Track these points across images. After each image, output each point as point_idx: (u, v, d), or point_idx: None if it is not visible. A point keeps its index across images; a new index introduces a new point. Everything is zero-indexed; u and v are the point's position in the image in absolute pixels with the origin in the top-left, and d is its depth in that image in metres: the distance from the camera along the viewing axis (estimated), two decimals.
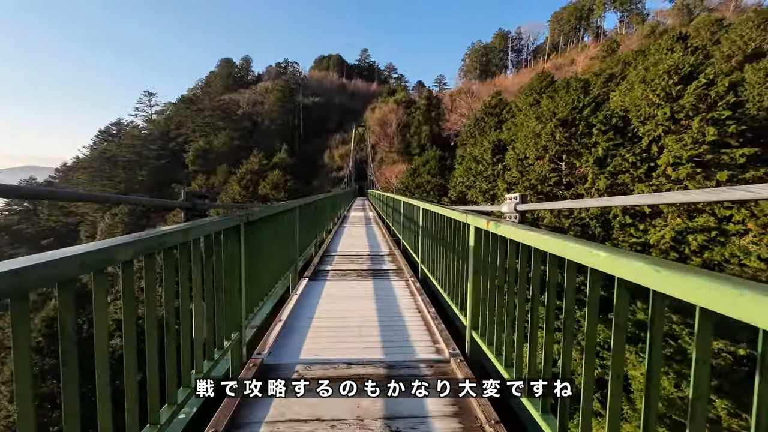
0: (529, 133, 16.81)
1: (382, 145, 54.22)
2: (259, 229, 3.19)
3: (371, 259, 6.57)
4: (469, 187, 19.95)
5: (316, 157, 64.53)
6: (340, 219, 13.89)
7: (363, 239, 8.77)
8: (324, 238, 8.81)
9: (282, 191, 33.94)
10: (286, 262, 4.51)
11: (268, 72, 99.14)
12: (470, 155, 21.16)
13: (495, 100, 28.34)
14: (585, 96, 15.77)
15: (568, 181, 16.06)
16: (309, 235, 6.39)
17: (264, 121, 71.27)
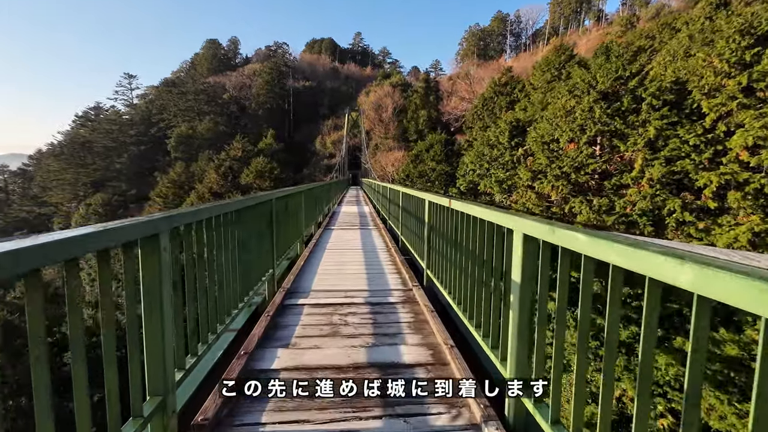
0: (558, 111, 13.82)
1: (377, 130, 50.90)
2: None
3: (373, 312, 3.60)
4: (482, 176, 16.99)
5: (307, 144, 61.05)
6: (328, 216, 10.90)
7: (357, 256, 5.80)
8: (297, 254, 5.83)
9: (267, 180, 30.73)
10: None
11: (257, 54, 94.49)
12: (482, 139, 18.19)
13: (506, 78, 25.28)
14: (629, 63, 12.80)
15: (604, 168, 13.14)
16: (259, 266, 3.45)
17: (252, 106, 67.35)
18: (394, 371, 2.31)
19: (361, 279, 4.30)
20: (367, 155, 43.82)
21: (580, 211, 12.79)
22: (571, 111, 13.39)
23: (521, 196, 14.94)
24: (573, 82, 13.81)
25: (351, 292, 3.89)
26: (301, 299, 3.70)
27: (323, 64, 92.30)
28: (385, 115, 51.02)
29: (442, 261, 3.55)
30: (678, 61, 15.27)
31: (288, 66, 79.07)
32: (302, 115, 68.49)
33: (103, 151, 56.02)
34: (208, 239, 2.30)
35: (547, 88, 21.19)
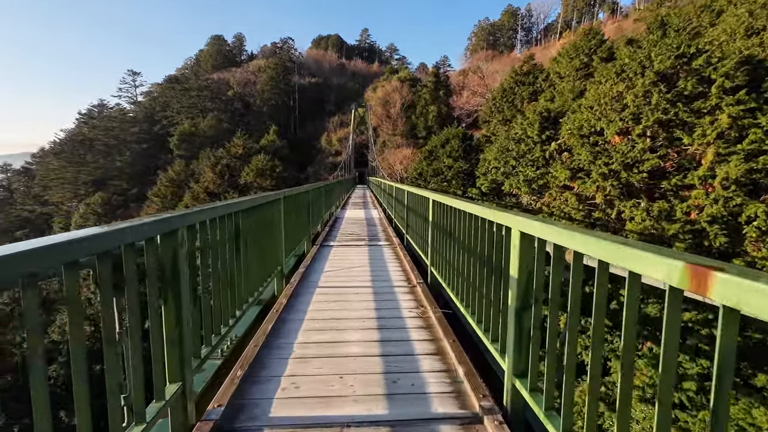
0: (602, 97, 11.64)
1: (384, 127, 48.80)
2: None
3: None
4: (508, 175, 14.81)
5: (312, 142, 59.17)
6: (328, 225, 8.89)
7: (364, 306, 3.73)
8: (274, 294, 3.85)
9: (269, 179, 28.81)
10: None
11: (262, 51, 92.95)
12: (506, 133, 16.04)
13: (528, 67, 23.00)
14: (692, 39, 10.58)
15: (658, 165, 10.94)
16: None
17: (256, 102, 65.64)
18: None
19: (373, 382, 2.25)
20: (375, 152, 41.78)
21: (631, 217, 10.61)
22: (619, 97, 11.19)
23: (555, 198, 12.79)
24: (621, 63, 11.61)
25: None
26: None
27: (329, 60, 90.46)
28: (393, 111, 48.86)
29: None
30: (738, 41, 12.99)
31: (293, 62, 77.35)
32: (308, 112, 66.71)
33: (104, 149, 54.68)
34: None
35: (576, 75, 18.95)
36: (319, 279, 4.37)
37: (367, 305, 3.51)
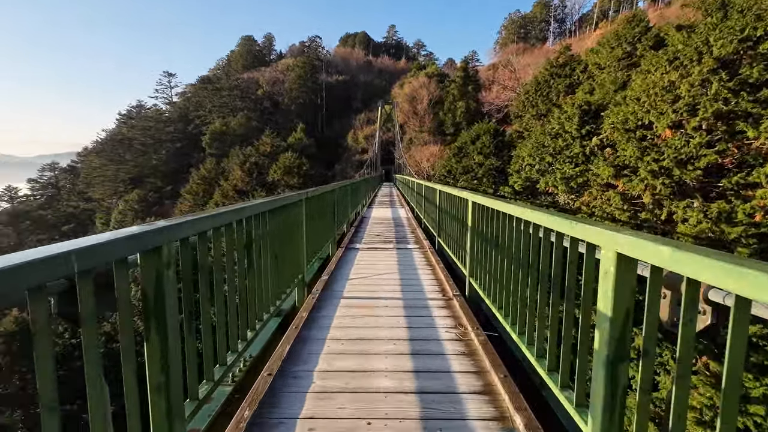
0: (651, 87, 10.65)
1: (411, 124, 48.14)
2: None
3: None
4: (543, 172, 13.94)
5: (338, 139, 59.34)
6: (354, 225, 8.52)
7: (394, 315, 3.29)
8: (296, 305, 3.49)
9: (296, 177, 28.88)
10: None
11: (291, 50, 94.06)
12: (541, 128, 15.13)
13: (564, 58, 21.75)
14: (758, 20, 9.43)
15: (715, 161, 9.88)
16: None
17: (284, 101, 66.51)
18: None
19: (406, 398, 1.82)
20: (401, 150, 41.29)
21: (684, 219, 9.64)
22: (671, 87, 10.18)
23: (596, 197, 11.89)
24: (673, 50, 10.56)
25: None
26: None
27: (356, 57, 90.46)
28: (420, 108, 48.08)
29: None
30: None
31: (321, 60, 77.94)
32: (335, 110, 66.98)
33: (141, 148, 56.92)
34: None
35: (618, 66, 17.66)
36: (344, 288, 3.98)
37: (397, 321, 3.08)
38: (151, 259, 1.32)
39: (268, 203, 2.54)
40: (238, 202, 3.42)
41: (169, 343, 1.39)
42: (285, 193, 3.86)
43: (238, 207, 2.07)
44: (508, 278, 2.50)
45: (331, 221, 5.50)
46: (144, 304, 1.33)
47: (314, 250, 4.26)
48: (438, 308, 3.41)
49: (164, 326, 1.37)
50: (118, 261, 1.16)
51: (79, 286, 1.03)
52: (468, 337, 2.78)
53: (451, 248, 4.73)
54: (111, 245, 1.07)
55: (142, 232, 1.23)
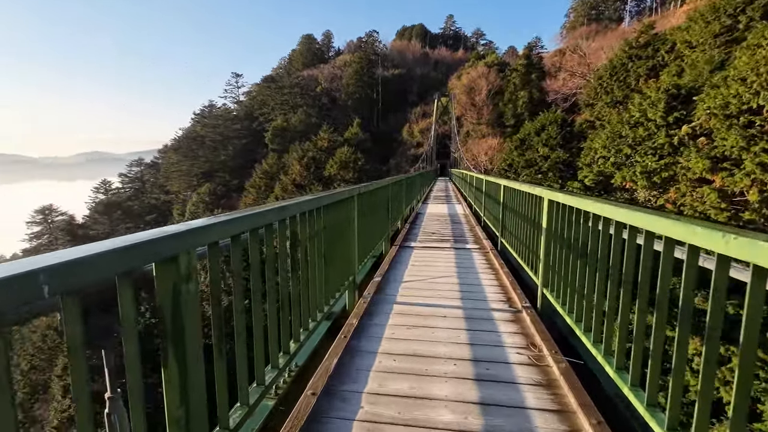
0: (762, 65, 8.99)
1: (468, 116, 46.53)
2: None
3: None
4: (619, 166, 12.50)
5: (393, 134, 59.21)
6: (410, 219, 8.18)
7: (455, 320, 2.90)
8: (347, 307, 3.26)
9: (351, 171, 29.19)
10: None
11: (348, 46, 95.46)
12: (619, 116, 13.58)
13: (646, 37, 19.38)
14: None
15: None
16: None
17: (341, 96, 67.81)
18: None
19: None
20: (458, 143, 40.10)
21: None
22: None
23: (685, 194, 10.38)
24: None
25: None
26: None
27: (413, 50, 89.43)
28: (478, 99, 46.26)
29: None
30: None
31: (377, 54, 78.17)
32: (390, 104, 66.89)
33: (212, 144, 61.34)
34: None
35: (714, 43, 15.29)
36: (398, 292, 3.67)
37: (457, 336, 2.71)
38: (166, 270, 1.09)
39: (315, 200, 2.28)
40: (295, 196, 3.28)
41: (188, 370, 1.17)
42: (340, 188, 3.64)
43: (280, 205, 1.82)
44: (600, 297, 2.02)
45: (384, 218, 5.22)
46: (160, 325, 1.11)
47: (366, 249, 4.00)
48: (504, 322, 2.97)
49: (183, 350, 1.15)
50: (122, 274, 0.94)
51: (64, 308, 0.81)
52: (544, 363, 2.33)
53: (518, 251, 4.22)
54: (92, 260, 0.84)
55: (152, 239, 1.00)
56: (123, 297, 0.95)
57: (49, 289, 0.71)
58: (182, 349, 1.15)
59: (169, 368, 1.13)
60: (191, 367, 1.18)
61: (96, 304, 6.09)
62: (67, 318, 0.81)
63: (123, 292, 0.95)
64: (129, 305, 0.96)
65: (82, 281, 0.81)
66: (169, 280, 1.09)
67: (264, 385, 1.69)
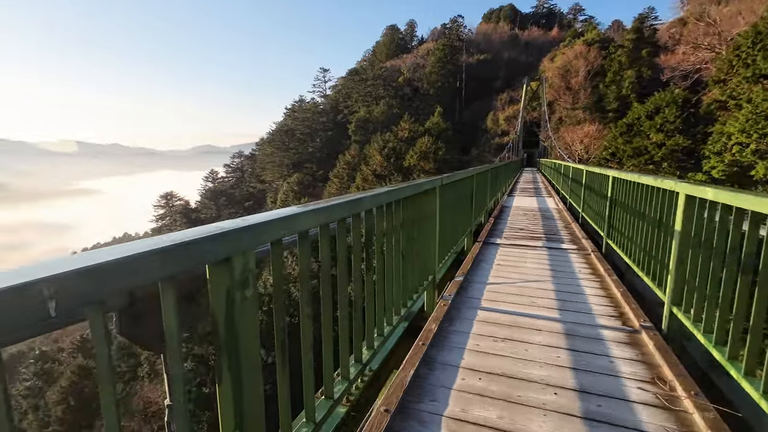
0: None
1: (562, 101, 42.52)
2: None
3: None
4: (763, 154, 10.15)
5: (477, 122, 56.80)
6: (495, 213, 7.57)
7: (552, 336, 2.44)
8: (425, 306, 3.00)
9: (431, 161, 28.66)
10: None
11: (432, 33, 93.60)
12: (765, 94, 10.97)
13: None
14: None
15: None
16: None
17: (423, 86, 66.95)
18: None
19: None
20: (549, 130, 36.98)
21: None
22: None
23: None
24: None
25: None
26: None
27: (500, 33, 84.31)
28: (574, 81, 41.93)
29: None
30: None
31: (461, 40, 75.45)
32: (474, 92, 64.24)
33: (301, 137, 65.49)
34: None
35: None
36: (482, 295, 3.29)
37: (556, 356, 2.27)
38: (219, 274, 0.93)
39: (393, 192, 2.04)
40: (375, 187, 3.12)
41: (243, 384, 1.00)
42: (420, 178, 3.38)
43: (354, 198, 1.61)
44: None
45: (468, 211, 4.82)
46: (214, 335, 0.96)
47: (448, 246, 3.68)
48: (617, 344, 2.43)
49: (237, 362, 0.99)
50: (165, 279, 0.79)
51: (92, 323, 0.67)
52: (679, 407, 1.80)
53: (632, 256, 3.53)
54: (124, 265, 0.68)
55: (198, 239, 0.83)
56: (166, 304, 0.80)
57: (56, 306, 0.56)
58: (237, 360, 0.99)
59: (223, 382, 0.98)
60: (247, 380, 1.02)
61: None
62: (94, 334, 0.67)
63: (166, 298, 0.80)
64: (172, 314, 0.81)
65: (113, 288, 0.66)
66: (221, 285, 0.93)
67: (333, 399, 1.51)
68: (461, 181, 4.17)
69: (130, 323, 0.96)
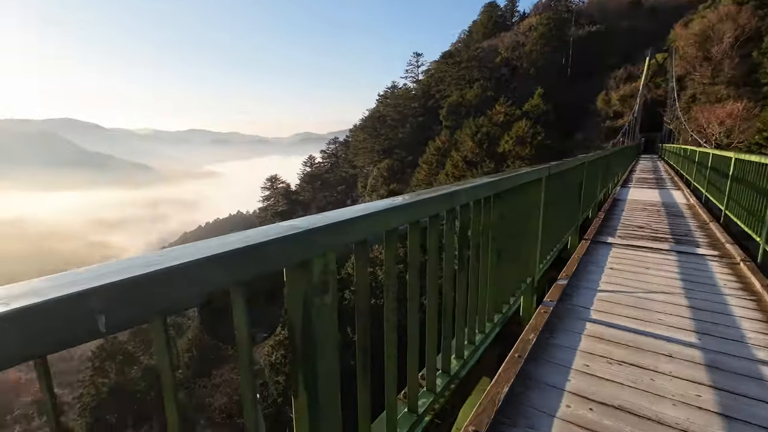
0: None
1: (697, 75, 35.70)
2: None
3: None
4: None
5: (584, 104, 50.88)
6: (606, 207, 6.59)
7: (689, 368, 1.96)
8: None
9: (528, 147, 26.55)
10: None
11: (536, 7, 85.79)
12: None
13: None
14: None
15: None
16: None
17: (522, 65, 62.10)
18: None
19: None
20: (677, 111, 31.53)
21: None
22: None
23: None
24: None
25: None
26: None
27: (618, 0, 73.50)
28: (716, 51, 34.72)
29: None
30: None
31: (570, 11, 67.89)
32: (582, 69, 57.48)
33: (392, 123, 66.30)
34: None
35: None
36: (591, 304, 2.83)
37: (695, 394, 1.80)
38: (295, 278, 0.82)
39: (493, 184, 1.78)
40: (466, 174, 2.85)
41: (320, 401, 0.90)
42: (515, 166, 3.00)
43: (449, 190, 1.40)
44: None
45: (575, 204, 4.23)
46: (290, 345, 0.87)
47: (550, 244, 3.25)
48: None
49: (314, 375, 0.88)
50: (238, 284, 0.69)
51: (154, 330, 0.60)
52: None
53: None
54: (186, 271, 0.58)
55: (274, 239, 0.72)
56: (237, 312, 0.71)
57: (106, 321, 0.48)
58: (313, 374, 0.88)
59: (298, 397, 0.88)
60: (323, 396, 0.91)
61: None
62: (157, 342, 0.60)
63: (237, 305, 0.71)
64: (243, 323, 0.72)
65: (175, 299, 0.58)
66: (298, 289, 0.82)
67: (417, 413, 1.36)
68: (570, 170, 3.64)
69: (209, 319, 0.92)
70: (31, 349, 0.44)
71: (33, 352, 0.44)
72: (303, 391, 0.88)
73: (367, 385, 1.11)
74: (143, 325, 0.61)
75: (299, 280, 0.81)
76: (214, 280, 0.63)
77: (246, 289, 0.71)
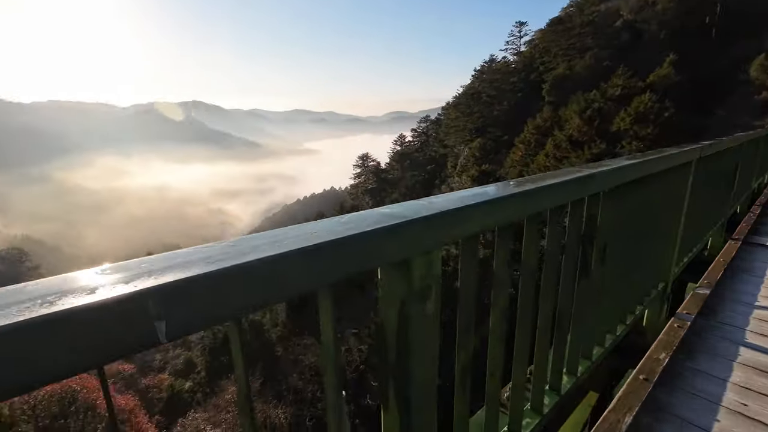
0: None
1: None
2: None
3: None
4: None
5: (732, 73, 41.54)
6: (763, 201, 5.26)
7: None
8: None
9: (651, 125, 22.74)
10: None
11: None
12: None
13: None
14: None
15: None
16: None
17: (650, 28, 52.88)
18: None
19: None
20: None
21: None
22: None
23: None
24: None
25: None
26: None
27: None
28: None
29: None
30: None
31: None
32: (734, 29, 46.69)
33: (487, 100, 62.74)
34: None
35: None
36: (746, 324, 2.24)
37: None
38: (391, 280, 0.67)
39: (634, 167, 1.41)
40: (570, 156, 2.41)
41: (412, 417, 0.76)
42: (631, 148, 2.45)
43: (580, 174, 1.12)
44: None
45: (724, 195, 3.41)
46: (380, 352, 0.74)
47: (691, 243, 2.65)
48: None
49: (407, 389, 0.74)
50: (326, 286, 0.57)
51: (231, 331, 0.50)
52: None
53: None
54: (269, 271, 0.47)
55: (368, 231, 0.58)
56: (324, 315, 0.59)
57: (167, 329, 0.38)
58: (407, 388, 0.74)
59: (389, 411, 0.76)
60: (417, 412, 0.77)
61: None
62: (233, 344, 0.51)
63: (323, 306, 0.59)
64: (328, 324, 0.60)
65: (246, 304, 0.47)
66: (394, 293, 0.67)
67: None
68: (724, 152, 2.89)
69: (294, 313, 0.83)
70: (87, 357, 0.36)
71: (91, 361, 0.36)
72: (393, 402, 0.75)
73: (466, 400, 0.95)
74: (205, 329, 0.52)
75: (396, 282, 0.67)
76: (298, 281, 0.51)
77: (333, 291, 0.58)
